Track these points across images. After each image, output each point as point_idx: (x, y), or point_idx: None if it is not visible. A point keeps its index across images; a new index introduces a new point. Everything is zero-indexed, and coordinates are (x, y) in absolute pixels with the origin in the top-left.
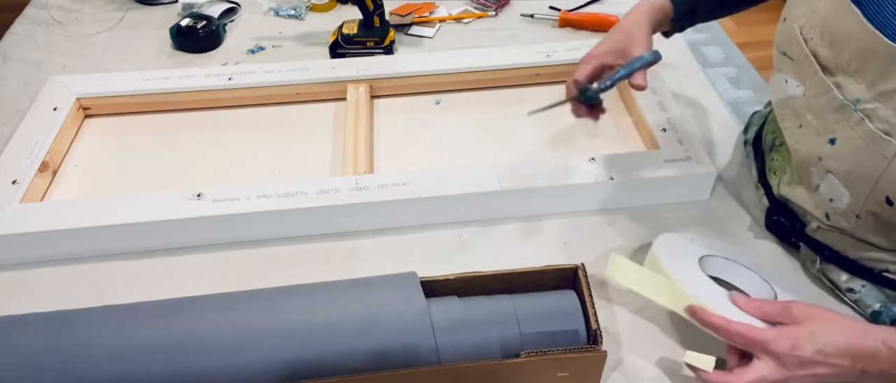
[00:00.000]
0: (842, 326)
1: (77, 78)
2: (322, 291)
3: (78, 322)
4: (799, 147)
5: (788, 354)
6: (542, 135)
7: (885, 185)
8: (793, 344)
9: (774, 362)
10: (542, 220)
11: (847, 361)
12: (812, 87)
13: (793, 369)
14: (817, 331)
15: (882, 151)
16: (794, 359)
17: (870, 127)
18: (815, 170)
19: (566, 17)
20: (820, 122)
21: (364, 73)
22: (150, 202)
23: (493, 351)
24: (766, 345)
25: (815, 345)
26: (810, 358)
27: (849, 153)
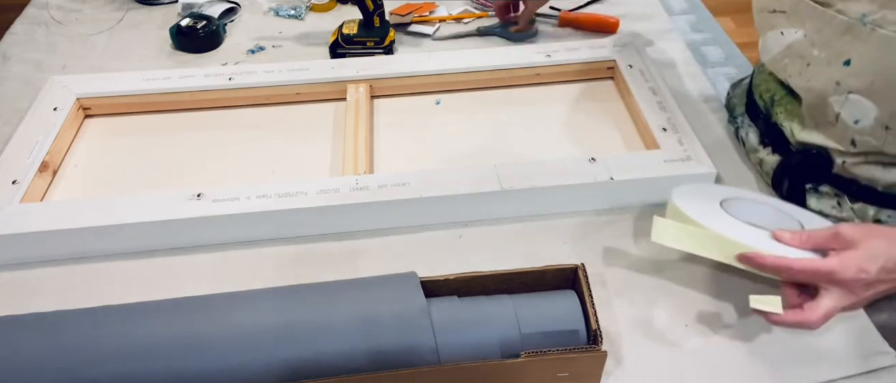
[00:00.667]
0: (892, 234)
1: (77, 78)
2: (322, 291)
3: (78, 322)
4: (812, 84)
5: (855, 279)
6: (543, 135)
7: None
8: (858, 268)
9: (842, 289)
10: (542, 220)
11: None
12: (812, 25)
13: (860, 293)
14: (876, 249)
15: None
16: (860, 283)
17: (883, 33)
18: (833, 99)
19: (566, 16)
20: (829, 52)
21: (364, 73)
22: (150, 202)
23: (493, 351)
24: (833, 276)
25: (878, 263)
26: (876, 278)
27: (868, 65)
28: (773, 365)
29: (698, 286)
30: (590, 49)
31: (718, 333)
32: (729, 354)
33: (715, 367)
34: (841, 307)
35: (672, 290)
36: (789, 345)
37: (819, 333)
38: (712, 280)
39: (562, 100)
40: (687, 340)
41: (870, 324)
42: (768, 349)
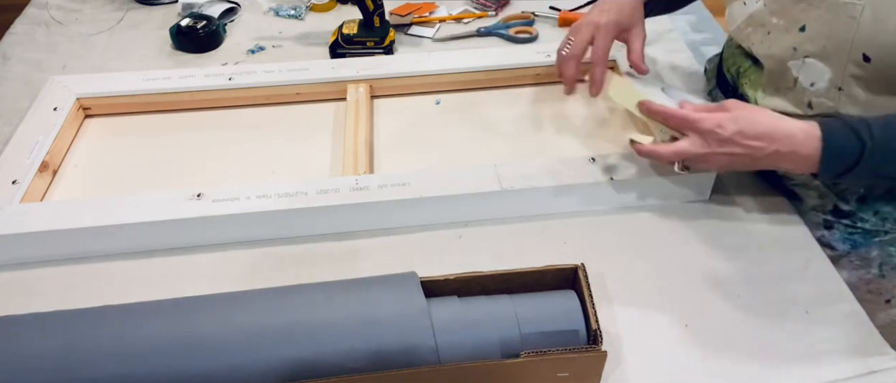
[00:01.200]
0: (764, 114)
1: (77, 78)
2: (322, 291)
3: (78, 322)
4: (772, 51)
5: (711, 131)
6: (543, 136)
7: (859, 44)
8: (716, 124)
9: (698, 138)
10: (542, 220)
11: (763, 143)
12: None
13: (712, 146)
14: (741, 117)
15: (849, 14)
16: (715, 136)
17: (832, 0)
18: (792, 64)
19: (566, 17)
20: (786, 20)
21: (364, 73)
22: (150, 202)
23: (493, 351)
24: (693, 124)
25: (737, 126)
26: (729, 138)
27: (821, 29)
28: (773, 365)
29: (698, 286)
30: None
31: (718, 334)
32: (729, 354)
33: (715, 367)
34: (692, 152)
35: (672, 290)
36: (790, 346)
37: (820, 334)
38: (712, 280)
39: (562, 100)
40: (687, 340)
41: (871, 325)
42: (769, 350)
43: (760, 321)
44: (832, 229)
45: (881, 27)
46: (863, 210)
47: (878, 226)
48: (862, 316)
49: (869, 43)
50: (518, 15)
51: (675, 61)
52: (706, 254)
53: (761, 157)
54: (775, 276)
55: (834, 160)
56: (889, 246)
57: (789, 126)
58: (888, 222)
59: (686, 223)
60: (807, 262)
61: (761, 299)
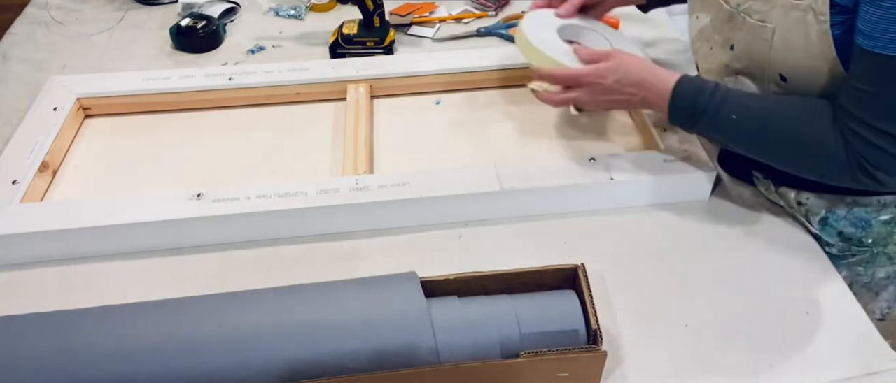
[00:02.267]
0: (642, 63)
1: (77, 78)
2: (322, 291)
3: (78, 322)
4: (711, 66)
5: (595, 83)
6: (543, 136)
7: (774, 65)
8: (599, 75)
9: (585, 89)
10: (542, 220)
11: (635, 89)
12: (712, 12)
13: (596, 94)
14: (619, 67)
15: (763, 36)
16: (599, 87)
17: (751, 21)
18: (727, 80)
19: None
20: (721, 36)
21: (364, 73)
22: (150, 202)
23: (493, 351)
24: (578, 80)
25: (616, 76)
26: (610, 86)
27: (745, 49)
28: (773, 366)
29: (698, 287)
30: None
31: (718, 334)
32: (729, 354)
33: (715, 368)
34: (580, 99)
35: (672, 290)
36: (790, 346)
37: (819, 334)
38: (712, 280)
39: None
40: (687, 340)
41: (871, 326)
42: (769, 350)
43: (760, 321)
44: None
45: (789, 48)
46: (826, 232)
47: (844, 251)
48: (862, 316)
49: (782, 64)
50: (518, 15)
51: (676, 61)
52: (706, 254)
53: (636, 102)
54: (775, 276)
55: (675, 113)
56: (857, 266)
57: (658, 74)
58: (853, 244)
59: (686, 223)
60: (806, 262)
61: (761, 299)
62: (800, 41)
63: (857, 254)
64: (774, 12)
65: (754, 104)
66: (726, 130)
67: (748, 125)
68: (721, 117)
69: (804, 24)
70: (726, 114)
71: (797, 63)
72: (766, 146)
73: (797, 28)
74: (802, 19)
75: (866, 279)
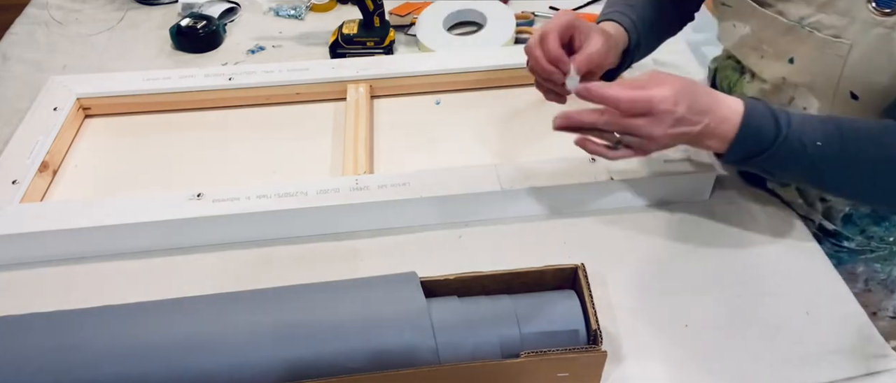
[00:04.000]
0: (698, 86)
1: (77, 78)
2: (322, 291)
3: (78, 322)
4: (765, 74)
5: (668, 110)
6: (542, 136)
7: (846, 82)
8: (674, 101)
9: (653, 118)
10: (542, 220)
11: (704, 118)
12: (757, 23)
13: (662, 127)
14: (685, 90)
15: (837, 52)
16: (670, 117)
17: (820, 36)
18: (785, 90)
19: None
20: (775, 48)
21: (364, 73)
22: (150, 202)
23: (493, 351)
24: (652, 104)
25: (686, 102)
26: (682, 116)
27: (808, 65)
28: (773, 366)
29: (698, 287)
30: None
31: (719, 334)
32: (729, 355)
33: (715, 368)
34: (642, 130)
35: (672, 291)
36: (790, 347)
37: (820, 334)
38: (713, 281)
39: None
40: (687, 341)
41: (871, 327)
42: (769, 351)
43: (760, 321)
44: (821, 243)
45: (868, 67)
46: (848, 228)
47: (863, 245)
48: (862, 317)
49: (856, 82)
50: (518, 15)
51: (676, 61)
52: (706, 254)
53: (695, 134)
54: (775, 277)
55: (745, 143)
56: (874, 262)
57: (719, 99)
58: (873, 241)
59: (686, 223)
60: (807, 262)
61: (761, 299)
62: (882, 59)
63: (877, 250)
64: (853, 28)
65: (833, 127)
66: (808, 163)
67: (837, 154)
68: (805, 144)
69: (888, 42)
70: (809, 140)
71: (875, 81)
72: (857, 178)
73: (881, 46)
74: (888, 37)
75: (883, 276)
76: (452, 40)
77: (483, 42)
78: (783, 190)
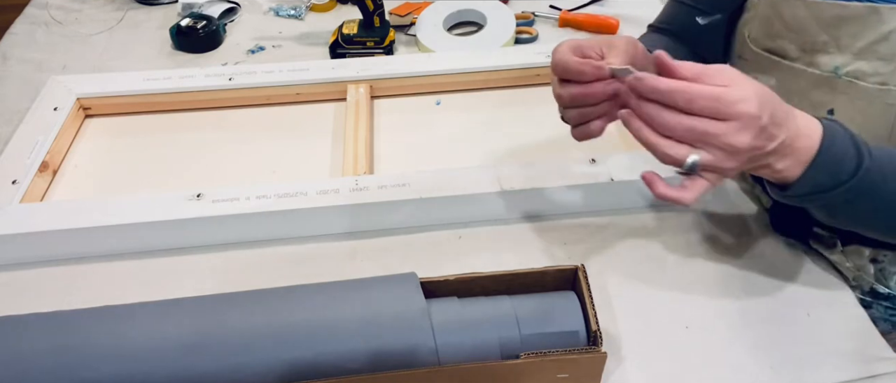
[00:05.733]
0: (770, 92)
1: (77, 78)
2: (322, 291)
3: (78, 322)
4: None
5: (755, 114)
6: (543, 136)
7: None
8: (760, 103)
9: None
10: (543, 221)
11: (782, 133)
12: (781, 77)
13: (742, 136)
14: (763, 94)
15: (886, 101)
16: (754, 125)
17: (863, 85)
18: None
19: (566, 17)
20: (808, 101)
21: (364, 73)
22: (150, 202)
23: (493, 352)
24: (734, 106)
25: (769, 108)
26: (765, 126)
27: (853, 116)
28: (773, 368)
29: (699, 287)
30: None
31: (719, 335)
32: (729, 356)
33: (715, 369)
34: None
35: (672, 291)
36: (790, 348)
37: (821, 336)
38: (713, 281)
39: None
40: (687, 342)
41: (873, 329)
42: (769, 352)
43: (761, 322)
44: (870, 309)
45: None
46: (860, 253)
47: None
48: (864, 318)
49: None
50: (518, 15)
51: None
52: (706, 254)
53: (770, 151)
54: (776, 277)
55: (823, 169)
56: None
57: (793, 110)
58: None
59: (686, 224)
60: (807, 264)
61: (762, 300)
62: None
63: None
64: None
65: None
66: (887, 197)
67: None
68: (885, 176)
69: None
70: (892, 174)
71: None
72: None
73: None
74: None
75: None
76: (452, 40)
77: (483, 42)
78: (830, 251)
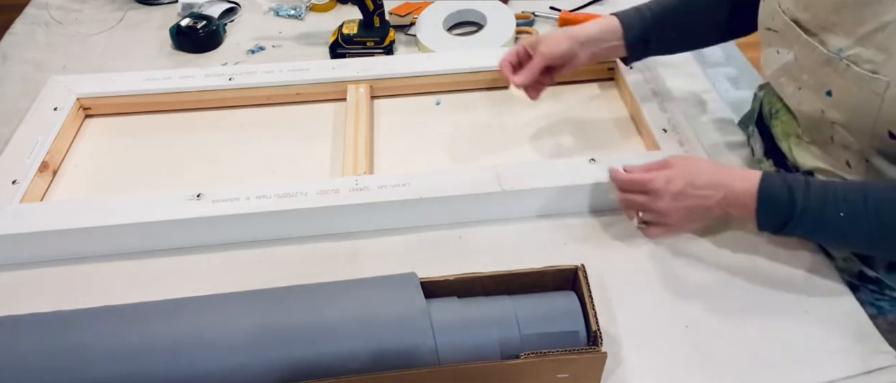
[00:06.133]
0: (707, 164)
1: (77, 78)
2: (322, 291)
3: (77, 322)
4: (802, 107)
5: (664, 190)
6: (543, 136)
7: (884, 121)
8: (667, 179)
9: (651, 197)
10: (542, 221)
11: (711, 191)
12: (800, 50)
13: (668, 202)
14: (687, 169)
15: (874, 89)
16: (668, 193)
17: (857, 70)
18: (823, 125)
19: (566, 17)
20: (815, 79)
21: (364, 73)
22: (150, 202)
23: (493, 352)
24: (645, 185)
25: (686, 179)
26: (681, 191)
27: (846, 99)
28: (773, 366)
29: (698, 287)
30: None
31: (718, 334)
32: (729, 355)
33: (715, 368)
34: (651, 207)
35: (672, 291)
36: (790, 346)
37: (819, 333)
38: (712, 281)
39: (562, 100)
40: (687, 341)
41: (870, 324)
42: (768, 350)
43: (760, 321)
44: (858, 291)
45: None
46: (892, 277)
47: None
48: (861, 315)
49: (894, 121)
50: (518, 15)
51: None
52: (706, 254)
53: (713, 205)
54: (775, 276)
55: (767, 216)
56: None
57: (734, 172)
58: None
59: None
60: (807, 262)
61: (761, 299)
62: None
63: None
64: (891, 64)
65: (859, 196)
66: (833, 231)
67: (862, 222)
68: (827, 216)
69: None
70: (832, 213)
71: None
72: (888, 242)
73: None
74: None
75: None
76: (452, 40)
77: (483, 42)
78: (845, 259)
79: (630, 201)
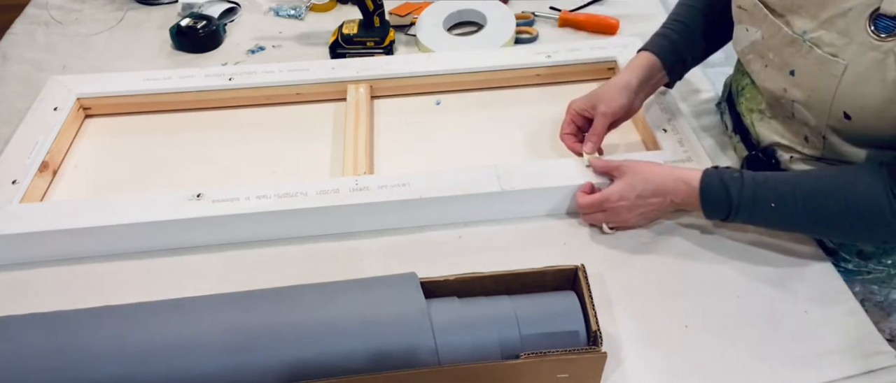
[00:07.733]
0: (656, 171)
1: (77, 78)
2: (322, 291)
3: (77, 322)
4: (767, 84)
5: (617, 206)
6: (543, 136)
7: (839, 102)
8: (619, 196)
9: (609, 213)
10: (543, 221)
11: (659, 198)
12: (767, 29)
13: (624, 214)
14: (635, 181)
15: (832, 71)
16: (623, 208)
17: (819, 52)
18: (784, 102)
19: (566, 17)
20: (780, 58)
21: (364, 73)
22: (150, 202)
23: (493, 352)
24: (601, 205)
25: (635, 191)
26: (633, 203)
27: (806, 80)
28: (772, 366)
29: (698, 287)
30: (590, 49)
31: (718, 334)
32: (729, 355)
33: (715, 368)
34: (611, 220)
35: (672, 291)
36: (789, 346)
37: (819, 333)
38: (712, 280)
39: (562, 100)
40: (687, 341)
41: (870, 325)
42: (768, 350)
43: (760, 321)
44: (834, 256)
45: (861, 90)
46: (845, 249)
47: (860, 266)
48: (861, 315)
49: (849, 102)
50: (518, 15)
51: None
52: (706, 254)
53: (663, 207)
54: (775, 276)
55: (710, 212)
56: (871, 283)
57: (678, 176)
58: (871, 262)
59: (685, 224)
60: (806, 262)
61: (761, 299)
62: (874, 83)
63: (873, 272)
64: (850, 49)
65: (788, 188)
66: (768, 219)
67: (791, 211)
68: (760, 207)
69: (883, 67)
70: (764, 204)
71: (866, 104)
72: (815, 227)
73: (874, 69)
74: (882, 62)
75: (880, 298)
76: (452, 40)
77: (483, 42)
78: None
79: (593, 218)
